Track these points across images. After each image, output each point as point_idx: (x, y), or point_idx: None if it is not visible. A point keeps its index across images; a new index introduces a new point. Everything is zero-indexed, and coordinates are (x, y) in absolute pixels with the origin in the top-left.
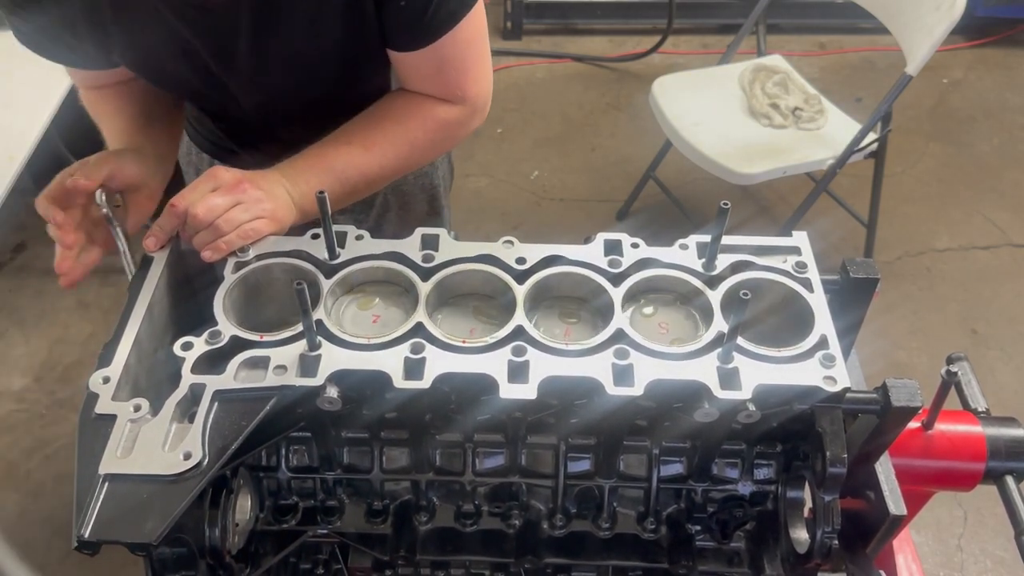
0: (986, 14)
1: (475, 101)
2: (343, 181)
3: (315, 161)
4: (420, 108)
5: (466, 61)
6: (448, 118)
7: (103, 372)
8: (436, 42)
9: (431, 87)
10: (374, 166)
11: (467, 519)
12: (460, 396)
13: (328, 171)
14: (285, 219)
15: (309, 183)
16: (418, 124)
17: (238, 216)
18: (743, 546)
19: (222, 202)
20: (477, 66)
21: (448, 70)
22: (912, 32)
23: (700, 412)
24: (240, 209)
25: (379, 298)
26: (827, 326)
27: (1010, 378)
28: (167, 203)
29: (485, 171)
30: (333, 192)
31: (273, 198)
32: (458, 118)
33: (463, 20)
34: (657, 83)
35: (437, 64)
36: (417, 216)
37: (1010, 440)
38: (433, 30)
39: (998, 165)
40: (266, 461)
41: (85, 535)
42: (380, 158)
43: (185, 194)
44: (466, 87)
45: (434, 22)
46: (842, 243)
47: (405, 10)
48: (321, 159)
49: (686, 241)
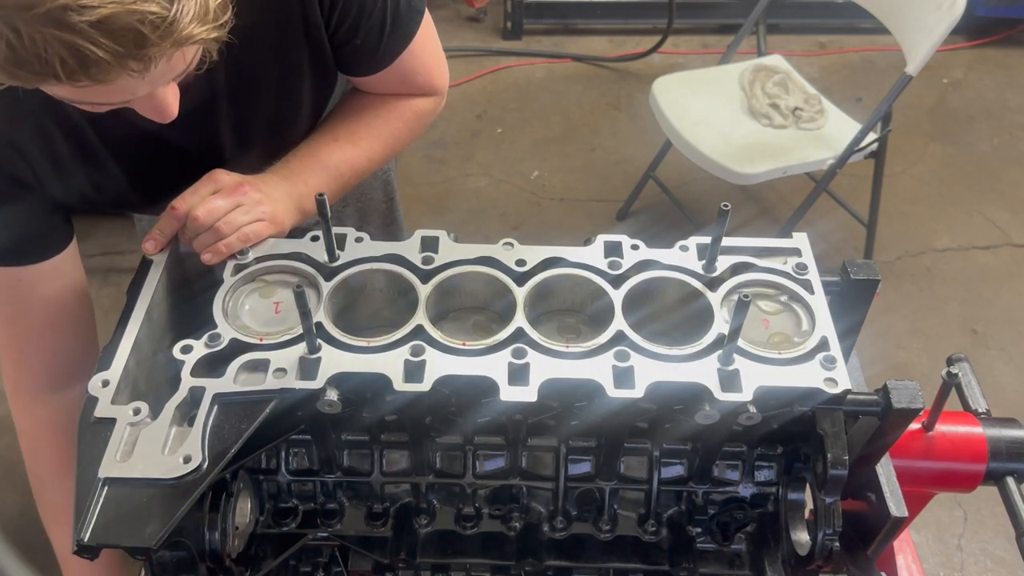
0: (986, 14)
1: (442, 89)
2: (336, 177)
3: (309, 161)
4: (396, 101)
5: (427, 63)
6: (423, 108)
7: (102, 375)
8: (395, 61)
9: (400, 91)
10: (362, 159)
11: (467, 522)
12: (460, 399)
13: (323, 169)
14: (285, 221)
15: (307, 183)
16: (396, 116)
17: (238, 219)
18: (744, 548)
19: (223, 204)
20: (436, 61)
21: (412, 77)
22: (912, 32)
23: (701, 414)
24: (240, 212)
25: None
26: (828, 328)
27: (1010, 378)
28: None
29: (485, 171)
30: (329, 188)
31: (273, 201)
32: (431, 107)
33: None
34: (657, 83)
35: (401, 76)
36: (375, 206)
37: (1011, 441)
38: (391, 55)
39: (998, 165)
40: (266, 464)
41: (84, 539)
42: (367, 151)
43: (186, 197)
44: (433, 82)
45: (390, 48)
46: (842, 244)
47: (361, 47)
48: (314, 158)
49: (686, 243)
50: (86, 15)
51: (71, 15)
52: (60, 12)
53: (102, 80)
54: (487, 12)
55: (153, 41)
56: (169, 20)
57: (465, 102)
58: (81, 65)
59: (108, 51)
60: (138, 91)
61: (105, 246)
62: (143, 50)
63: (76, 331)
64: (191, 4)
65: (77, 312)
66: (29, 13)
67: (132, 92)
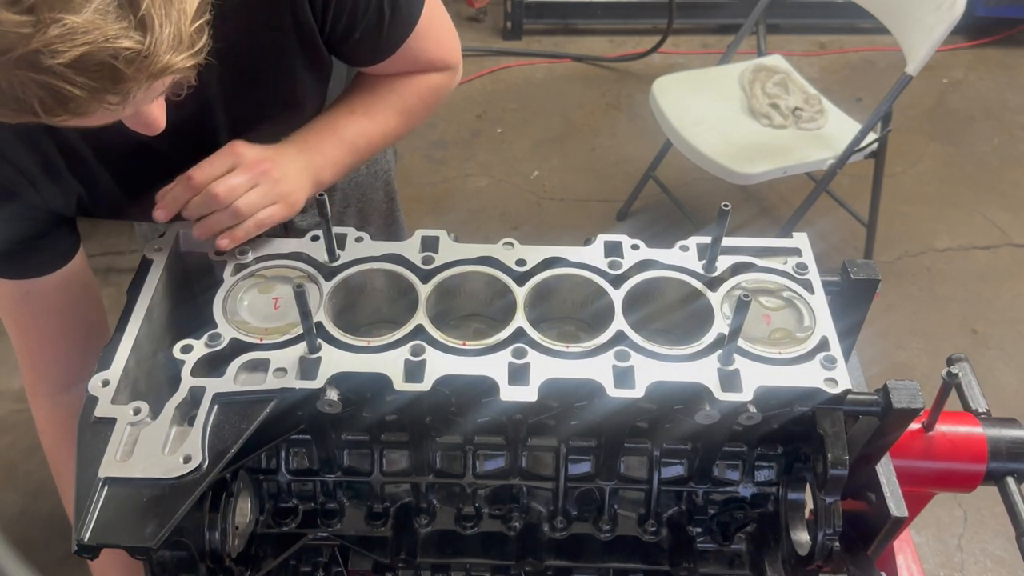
0: (986, 14)
1: (455, 64)
2: (353, 150)
3: (327, 133)
4: (411, 77)
5: (435, 41)
6: (438, 83)
7: (102, 375)
8: (401, 48)
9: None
10: (377, 133)
11: (467, 521)
12: (460, 398)
13: (340, 141)
14: (299, 202)
15: (324, 154)
16: (412, 92)
17: (256, 200)
18: (744, 548)
19: (242, 182)
20: (446, 38)
21: (423, 56)
22: (912, 32)
23: (701, 414)
24: (258, 192)
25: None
26: (828, 327)
27: (1010, 378)
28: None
29: (485, 171)
30: (344, 161)
31: (289, 180)
32: (445, 82)
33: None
34: (657, 83)
35: (410, 59)
36: (376, 207)
37: (1011, 441)
38: (394, 44)
39: (998, 165)
40: (266, 464)
41: (85, 539)
42: (383, 125)
43: (204, 167)
44: (445, 58)
45: (393, 37)
46: (842, 243)
47: (361, 41)
48: (332, 130)
49: (686, 243)
50: (59, 57)
51: (44, 58)
52: (33, 56)
53: (81, 114)
54: (487, 12)
55: (129, 76)
56: (143, 54)
57: (465, 102)
58: (59, 103)
59: (85, 88)
60: (122, 114)
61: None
62: (119, 85)
63: (87, 335)
64: (165, 35)
65: (88, 316)
66: (3, 58)
67: (115, 117)
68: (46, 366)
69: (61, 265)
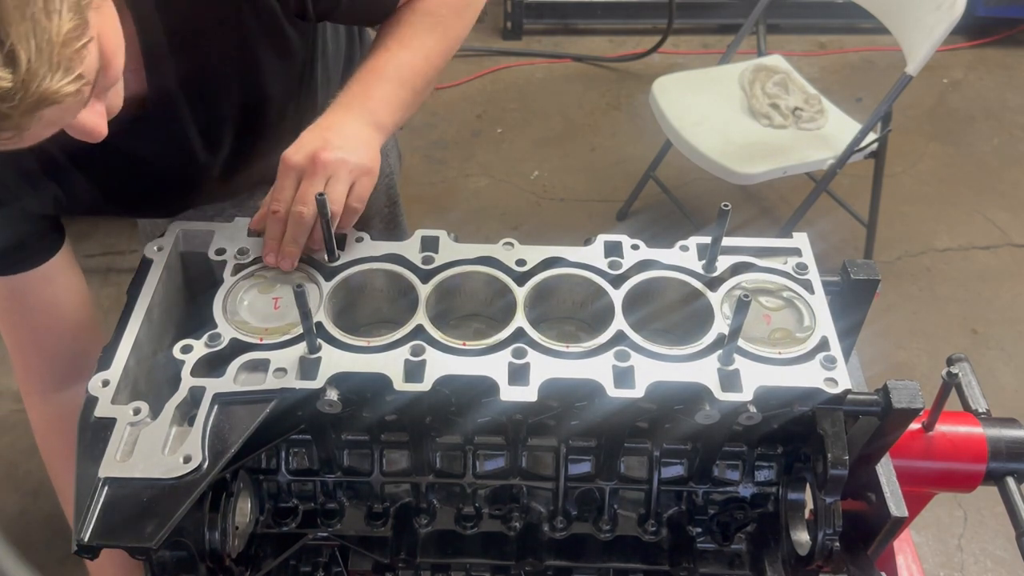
0: (986, 14)
1: None
2: (399, 83)
3: (368, 76)
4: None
5: None
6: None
7: (102, 375)
8: None
9: None
10: (419, 59)
11: (467, 522)
12: (460, 398)
13: (384, 80)
14: (373, 161)
15: (373, 98)
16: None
17: (338, 190)
18: (744, 548)
19: (315, 187)
20: None
21: None
22: (912, 32)
23: (701, 414)
24: (334, 183)
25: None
26: (828, 327)
27: (1010, 378)
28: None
29: (485, 171)
30: (396, 96)
31: (351, 147)
32: None
33: None
34: (657, 83)
35: None
36: (378, 210)
37: (1011, 441)
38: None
39: (998, 165)
40: (266, 464)
41: (85, 539)
42: (423, 50)
43: (278, 197)
44: None
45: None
46: (842, 243)
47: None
48: (372, 72)
49: (686, 243)
50: None
51: None
52: None
53: None
54: (487, 12)
55: (8, 113)
56: (15, 90)
57: (465, 102)
58: None
59: None
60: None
61: (105, 246)
62: (5, 121)
63: (76, 334)
64: (38, 65)
65: (76, 315)
66: None
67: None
68: (36, 364)
69: (44, 260)
